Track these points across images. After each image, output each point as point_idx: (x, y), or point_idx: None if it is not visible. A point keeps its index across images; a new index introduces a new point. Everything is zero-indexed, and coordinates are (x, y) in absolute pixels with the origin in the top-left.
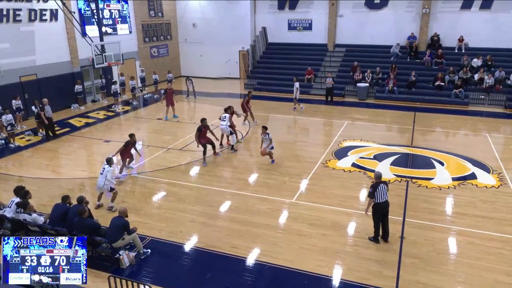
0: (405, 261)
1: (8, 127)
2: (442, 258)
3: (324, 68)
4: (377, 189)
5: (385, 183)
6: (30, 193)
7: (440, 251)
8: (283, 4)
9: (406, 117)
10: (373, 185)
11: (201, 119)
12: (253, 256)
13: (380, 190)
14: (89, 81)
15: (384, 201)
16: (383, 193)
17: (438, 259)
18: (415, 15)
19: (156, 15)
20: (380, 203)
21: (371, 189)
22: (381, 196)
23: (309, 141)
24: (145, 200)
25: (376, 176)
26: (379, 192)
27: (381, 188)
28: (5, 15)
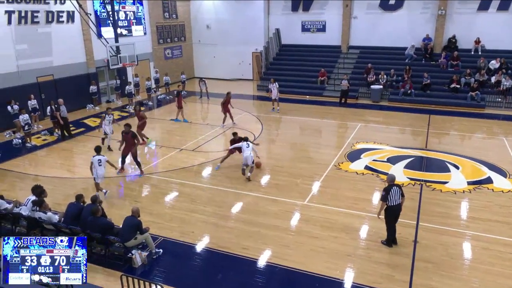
0: (418, 265)
1: (25, 126)
2: (456, 263)
3: (338, 70)
4: (390, 192)
5: (399, 186)
6: (45, 191)
7: (454, 255)
8: (297, 6)
9: (421, 120)
10: (386, 188)
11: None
12: (264, 258)
13: (393, 193)
14: (104, 82)
15: (397, 205)
16: (396, 196)
17: (452, 264)
18: (431, 17)
19: (170, 17)
20: (393, 206)
21: (384, 193)
22: (394, 200)
23: (322, 143)
24: (157, 200)
25: (389, 179)
26: (392, 196)
27: (394, 191)
28: (23, 17)
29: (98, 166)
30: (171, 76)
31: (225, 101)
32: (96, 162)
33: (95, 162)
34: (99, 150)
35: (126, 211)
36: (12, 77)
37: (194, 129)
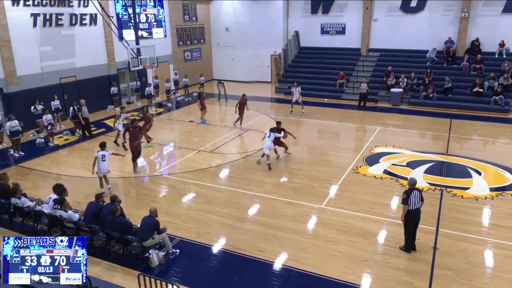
0: (437, 273)
1: (48, 126)
2: (477, 271)
3: (357, 72)
4: (411, 196)
5: (419, 190)
6: (67, 190)
7: (475, 263)
8: (316, 8)
9: (442, 124)
10: (406, 191)
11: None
12: (280, 261)
13: (414, 197)
14: (125, 83)
15: (416, 209)
16: (416, 200)
17: (472, 272)
18: (453, 19)
19: (190, 19)
20: (412, 211)
21: (404, 195)
22: (414, 203)
23: (340, 146)
24: (175, 200)
25: (411, 182)
26: (412, 199)
27: (414, 194)
28: (48, 20)
29: (101, 161)
30: (190, 78)
31: (241, 103)
32: (100, 157)
33: (99, 157)
34: (103, 146)
35: (144, 211)
36: (36, 78)
37: (212, 130)
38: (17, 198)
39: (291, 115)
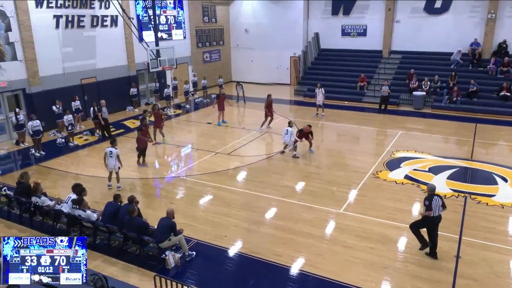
0: (460, 282)
1: (69, 127)
2: (501, 282)
3: (378, 75)
4: (433, 202)
5: (439, 196)
6: (86, 190)
7: (499, 274)
8: (337, 9)
9: (466, 129)
10: (428, 197)
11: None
12: (297, 266)
13: (435, 204)
14: (144, 85)
15: (438, 215)
16: (437, 206)
17: (497, 283)
18: (479, 20)
19: (209, 21)
20: (434, 217)
21: (427, 202)
22: (435, 210)
23: (360, 150)
24: (192, 202)
25: (430, 189)
26: (434, 205)
27: (435, 201)
28: (70, 21)
29: (109, 157)
30: (208, 80)
31: (268, 104)
32: (107, 153)
33: (107, 153)
34: (113, 142)
35: (161, 212)
36: (58, 79)
37: (230, 133)
38: (37, 197)
39: (315, 117)
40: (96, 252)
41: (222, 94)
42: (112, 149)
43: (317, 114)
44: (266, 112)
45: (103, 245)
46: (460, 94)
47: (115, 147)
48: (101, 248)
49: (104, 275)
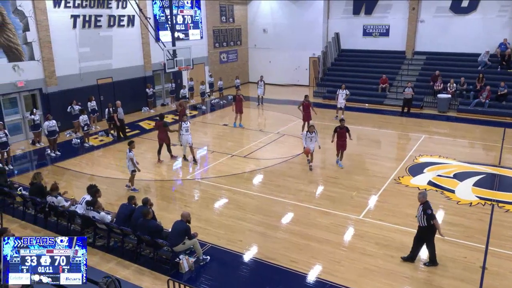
0: None
1: (85, 127)
2: None
3: (401, 77)
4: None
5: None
6: (100, 191)
7: None
8: (359, 9)
9: (494, 133)
10: (427, 205)
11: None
12: (313, 273)
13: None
14: (160, 85)
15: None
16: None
17: None
18: (508, 20)
19: (227, 21)
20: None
21: (430, 211)
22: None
23: (381, 154)
24: (206, 206)
25: (425, 196)
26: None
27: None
28: (87, 21)
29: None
30: (225, 80)
31: (305, 105)
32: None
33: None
34: (129, 144)
35: (176, 215)
36: (74, 79)
37: (246, 135)
38: (54, 196)
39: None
40: (109, 254)
41: (238, 96)
42: (127, 152)
43: (337, 117)
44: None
45: (117, 247)
46: (490, 95)
47: (130, 149)
48: (114, 251)
49: (117, 277)
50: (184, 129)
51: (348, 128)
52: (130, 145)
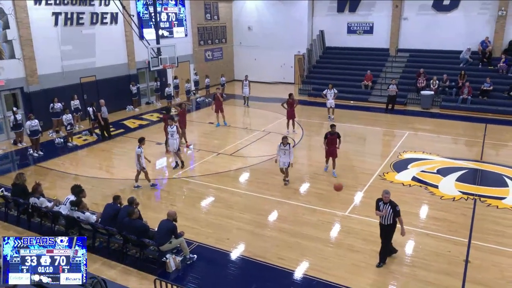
0: None
1: (68, 126)
2: None
3: (385, 74)
4: None
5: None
6: (84, 191)
7: (510, 279)
8: (343, 6)
9: (476, 129)
10: (395, 203)
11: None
12: (301, 270)
13: None
14: (144, 84)
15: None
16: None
17: None
18: (490, 18)
19: (212, 18)
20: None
21: (398, 207)
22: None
23: (366, 151)
24: (193, 204)
25: (388, 193)
26: None
27: None
28: (69, 19)
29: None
30: (211, 78)
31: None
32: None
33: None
34: (140, 141)
35: (163, 214)
36: (57, 78)
37: (232, 133)
38: (36, 198)
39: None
40: (95, 255)
41: (217, 94)
42: (136, 148)
43: (330, 117)
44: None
45: (102, 247)
46: (471, 92)
47: (139, 146)
48: (100, 251)
49: (103, 278)
50: (170, 133)
51: (339, 134)
52: (140, 142)
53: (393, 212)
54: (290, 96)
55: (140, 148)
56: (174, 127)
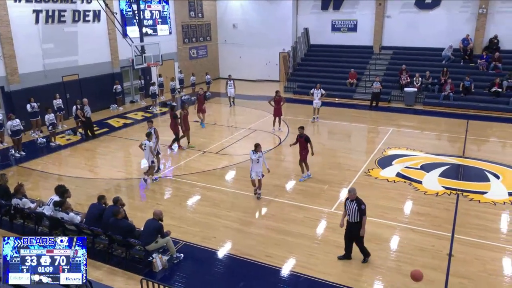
0: (453, 281)
1: (50, 126)
2: (494, 280)
3: (369, 71)
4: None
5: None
6: (69, 192)
7: (492, 271)
8: (327, 4)
9: (458, 125)
10: (362, 200)
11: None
12: (288, 267)
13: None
14: (128, 82)
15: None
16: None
17: (490, 281)
18: (471, 16)
19: (196, 16)
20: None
21: (364, 206)
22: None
23: (351, 148)
24: (180, 203)
25: (355, 192)
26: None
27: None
28: (50, 16)
29: (144, 150)
30: (197, 76)
31: (276, 100)
32: (143, 145)
33: (142, 144)
34: (148, 135)
35: (148, 214)
36: (38, 76)
37: (218, 131)
38: (19, 198)
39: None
40: None
41: (200, 95)
42: (145, 142)
43: (314, 118)
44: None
45: (87, 248)
46: (454, 88)
47: (149, 139)
48: None
49: (88, 279)
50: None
51: (308, 138)
52: (148, 136)
53: (359, 211)
54: (276, 94)
55: (149, 141)
56: (152, 129)
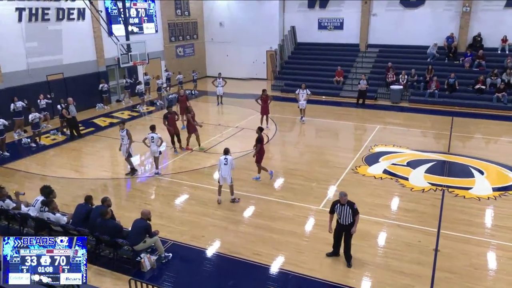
0: (439, 276)
1: (34, 126)
2: (480, 274)
3: (356, 69)
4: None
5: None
6: (54, 192)
7: (478, 266)
8: (314, 3)
9: (443, 122)
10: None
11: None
12: (277, 264)
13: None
14: (114, 81)
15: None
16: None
17: (475, 275)
18: (455, 14)
19: (182, 14)
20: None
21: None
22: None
23: (338, 145)
24: (168, 203)
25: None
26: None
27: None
28: (34, 14)
29: (151, 143)
30: (184, 74)
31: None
32: (149, 138)
33: (149, 138)
34: (154, 128)
35: (136, 213)
36: (22, 75)
37: (206, 129)
38: (2, 200)
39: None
40: None
41: (181, 96)
42: (153, 135)
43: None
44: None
45: None
46: (439, 86)
47: (156, 132)
48: None
49: None
50: (120, 137)
51: (258, 140)
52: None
53: (352, 212)
54: (263, 92)
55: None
56: (125, 131)
